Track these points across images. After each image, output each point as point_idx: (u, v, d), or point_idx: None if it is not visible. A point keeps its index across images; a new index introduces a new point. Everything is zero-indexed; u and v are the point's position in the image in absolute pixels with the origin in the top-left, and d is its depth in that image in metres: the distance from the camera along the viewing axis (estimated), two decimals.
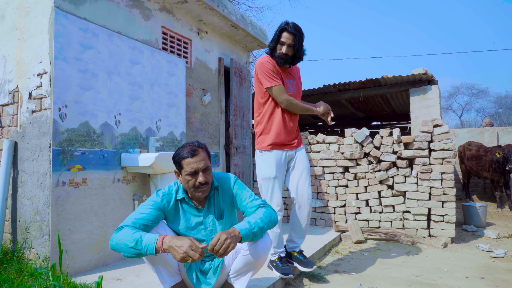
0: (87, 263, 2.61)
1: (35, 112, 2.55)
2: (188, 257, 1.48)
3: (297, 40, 2.39)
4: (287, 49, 2.40)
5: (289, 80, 2.55)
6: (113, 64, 2.88)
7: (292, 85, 2.56)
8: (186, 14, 3.79)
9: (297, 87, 2.61)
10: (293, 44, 2.39)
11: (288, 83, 2.54)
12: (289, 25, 2.39)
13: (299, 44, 2.41)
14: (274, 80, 2.43)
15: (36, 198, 2.51)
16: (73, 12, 2.61)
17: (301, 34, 2.40)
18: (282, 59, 2.43)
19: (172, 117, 3.48)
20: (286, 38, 2.39)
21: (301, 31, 2.42)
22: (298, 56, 2.47)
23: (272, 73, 2.43)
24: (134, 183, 3.04)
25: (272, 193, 2.50)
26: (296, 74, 2.65)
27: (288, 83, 2.54)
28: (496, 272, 2.93)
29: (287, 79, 2.54)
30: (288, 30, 2.38)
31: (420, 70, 4.78)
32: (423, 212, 3.93)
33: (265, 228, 1.71)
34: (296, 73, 2.66)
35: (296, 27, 2.40)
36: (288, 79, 2.55)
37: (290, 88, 2.54)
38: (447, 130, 3.92)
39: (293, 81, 2.58)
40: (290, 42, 2.39)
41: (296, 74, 2.65)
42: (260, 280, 2.42)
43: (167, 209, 1.82)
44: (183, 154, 1.74)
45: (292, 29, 2.37)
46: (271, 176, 2.49)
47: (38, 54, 2.54)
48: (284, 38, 2.40)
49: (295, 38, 2.38)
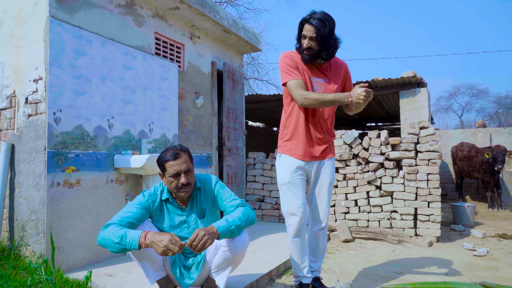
0: (80, 259, 2.74)
1: (31, 116, 2.67)
2: (169, 251, 1.61)
3: (319, 32, 2.06)
4: (308, 43, 2.10)
5: (315, 79, 2.23)
6: (106, 70, 3.00)
7: (319, 85, 2.23)
8: (179, 20, 3.92)
9: (327, 87, 2.25)
10: (315, 36, 2.07)
11: (313, 81, 2.22)
12: (312, 16, 2.10)
13: (323, 35, 2.06)
14: (290, 74, 2.18)
15: (32, 198, 2.63)
16: (68, 20, 2.74)
17: (325, 24, 2.06)
18: (305, 54, 2.14)
19: (165, 120, 3.61)
20: (307, 31, 2.11)
21: (326, 21, 2.07)
22: (324, 49, 2.12)
23: (289, 67, 2.19)
24: (127, 183, 3.16)
25: (286, 199, 2.27)
26: (333, 73, 2.29)
27: (314, 82, 2.23)
28: (475, 270, 3.04)
29: (313, 77, 2.23)
30: (308, 21, 2.10)
31: (409, 73, 4.89)
32: (410, 212, 4.04)
33: (242, 226, 1.83)
34: (335, 72, 2.30)
35: (321, 17, 2.07)
36: (315, 77, 2.23)
37: (316, 87, 2.23)
38: (433, 132, 4.03)
39: (322, 80, 2.25)
40: (311, 35, 2.08)
41: (334, 73, 2.30)
42: (245, 276, 2.54)
43: (152, 208, 1.94)
44: (166, 157, 1.87)
45: (313, 20, 2.07)
46: (284, 182, 2.28)
47: (34, 61, 2.67)
48: (305, 30, 2.12)
49: (317, 30, 2.06)
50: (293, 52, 2.26)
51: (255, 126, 10.08)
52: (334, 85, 2.28)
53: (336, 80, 2.29)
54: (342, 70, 2.34)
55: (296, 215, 2.22)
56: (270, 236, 3.91)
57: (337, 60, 2.35)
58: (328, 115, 2.34)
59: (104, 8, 3.05)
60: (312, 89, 2.21)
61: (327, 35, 2.08)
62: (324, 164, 2.34)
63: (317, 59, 2.18)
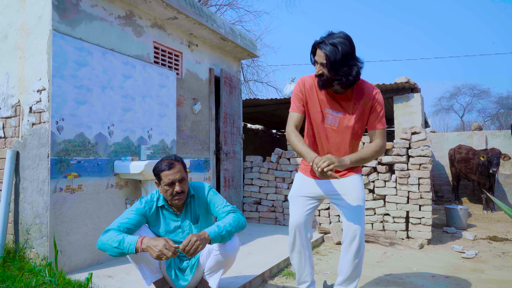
0: (82, 261, 2.87)
1: (35, 125, 2.81)
2: (163, 255, 1.73)
3: (329, 59, 1.83)
4: (319, 69, 1.91)
5: (330, 110, 2.03)
6: (106, 79, 3.13)
7: (333, 117, 2.03)
8: (177, 29, 4.04)
9: (342, 122, 2.02)
10: (325, 63, 1.86)
11: (327, 113, 2.03)
12: (324, 40, 1.87)
13: (333, 62, 1.83)
14: (293, 105, 2.09)
15: (36, 202, 2.77)
16: (69, 33, 2.87)
17: (337, 48, 1.82)
18: (320, 81, 1.95)
19: (163, 126, 3.74)
20: (317, 56, 1.91)
21: (340, 44, 1.83)
22: (336, 77, 1.88)
23: (294, 96, 2.09)
24: (126, 188, 3.29)
25: (290, 212, 2.17)
26: (355, 104, 2.01)
27: (328, 113, 2.03)
28: (461, 272, 3.15)
29: (328, 109, 2.03)
30: (319, 45, 1.89)
31: (402, 78, 5.00)
32: (402, 215, 4.16)
33: (232, 231, 1.96)
34: (358, 102, 2.01)
35: (334, 42, 1.84)
36: (331, 109, 2.03)
37: (330, 120, 2.04)
38: (424, 137, 4.14)
39: (337, 112, 2.03)
40: (321, 61, 1.88)
41: (355, 103, 2.01)
42: (238, 278, 2.67)
43: (149, 214, 2.07)
44: (161, 167, 2.00)
45: (324, 45, 1.86)
46: (292, 195, 2.19)
47: (37, 72, 2.80)
48: (316, 56, 1.93)
49: (326, 57, 1.84)
50: (309, 77, 2.09)
51: (254, 129, 10.20)
52: (351, 119, 2.01)
53: (355, 113, 2.01)
54: (367, 99, 2.00)
55: (290, 229, 2.15)
56: (265, 238, 4.03)
57: (365, 87, 2.02)
58: (340, 147, 2.08)
59: (105, 20, 3.18)
60: (325, 119, 2.04)
61: (338, 61, 1.83)
62: (345, 180, 2.10)
63: (332, 86, 1.95)
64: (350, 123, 2.02)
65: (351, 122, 2.02)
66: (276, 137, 11.41)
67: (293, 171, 4.84)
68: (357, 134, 2.10)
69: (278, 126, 10.46)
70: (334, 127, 2.05)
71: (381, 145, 2.00)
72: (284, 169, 4.90)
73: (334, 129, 2.05)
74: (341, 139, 2.07)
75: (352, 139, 2.08)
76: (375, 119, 2.03)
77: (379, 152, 2.00)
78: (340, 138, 2.07)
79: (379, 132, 2.03)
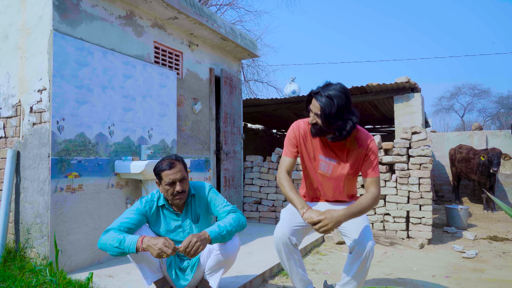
0: (82, 261, 2.88)
1: (36, 125, 2.81)
2: (163, 253, 1.74)
3: (324, 111, 1.81)
4: (313, 119, 1.89)
5: (324, 157, 2.01)
6: (107, 79, 3.13)
7: (327, 165, 2.00)
8: (177, 29, 4.05)
9: (336, 169, 2.00)
10: (319, 114, 1.84)
11: (321, 160, 2.01)
12: (320, 91, 1.85)
13: (327, 115, 1.80)
14: (286, 149, 2.07)
15: (37, 202, 2.77)
16: (70, 33, 2.87)
17: (332, 102, 1.79)
18: (313, 129, 1.93)
19: (164, 126, 3.74)
20: (313, 106, 1.89)
21: (335, 98, 1.80)
22: (329, 130, 1.86)
23: (288, 141, 2.06)
24: (127, 188, 3.30)
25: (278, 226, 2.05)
26: (349, 151, 1.98)
27: (322, 160, 2.01)
28: (462, 272, 3.15)
29: (321, 155, 2.01)
30: (315, 96, 1.87)
31: (403, 78, 5.00)
32: (402, 215, 4.16)
33: (233, 231, 1.96)
34: (352, 149, 1.97)
35: (330, 94, 1.81)
36: (324, 156, 2.00)
37: (323, 167, 2.01)
38: (425, 137, 4.14)
39: (331, 160, 2.00)
40: (316, 111, 1.86)
41: (349, 151, 1.98)
42: (238, 277, 2.67)
43: (149, 214, 2.07)
44: (162, 167, 2.00)
45: (320, 97, 1.83)
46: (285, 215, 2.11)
47: (38, 72, 2.81)
48: (311, 105, 1.90)
49: (321, 109, 1.82)
50: (303, 122, 2.06)
51: (255, 128, 10.20)
52: (345, 167, 1.98)
53: (349, 161, 1.97)
54: (361, 148, 1.96)
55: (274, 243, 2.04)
56: (266, 238, 4.03)
57: (359, 135, 1.97)
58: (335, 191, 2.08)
59: (105, 20, 3.19)
60: (319, 166, 2.02)
61: (334, 114, 1.80)
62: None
63: (319, 136, 1.95)
64: (344, 171, 2.00)
65: (345, 170, 2.00)
66: (277, 137, 11.42)
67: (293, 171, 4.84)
68: (352, 179, 2.08)
69: (278, 126, 10.46)
70: (327, 174, 2.02)
71: (377, 194, 1.92)
72: None
73: (327, 176, 2.02)
74: (335, 184, 2.06)
75: (347, 183, 2.07)
76: (369, 167, 1.97)
77: (375, 202, 1.92)
78: (335, 184, 2.05)
79: (374, 181, 1.96)
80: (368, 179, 1.97)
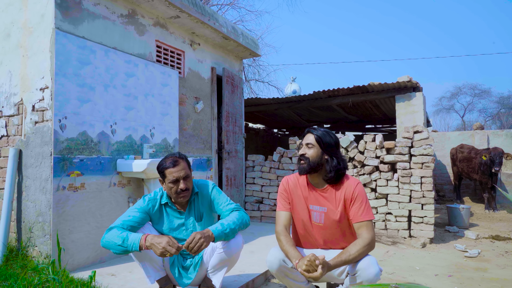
0: (85, 260, 2.87)
1: (38, 123, 2.81)
2: (166, 252, 1.73)
3: (321, 139, 1.90)
4: (303, 150, 1.92)
5: (315, 207, 1.97)
6: (109, 78, 3.13)
7: (318, 214, 1.95)
8: (179, 28, 4.04)
9: (328, 217, 1.94)
10: (312, 144, 1.91)
11: (312, 210, 1.97)
12: (316, 128, 1.97)
13: (326, 143, 1.90)
14: (280, 204, 2.04)
15: (39, 201, 2.77)
16: (72, 31, 2.87)
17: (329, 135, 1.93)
18: (301, 165, 1.93)
19: (166, 125, 3.73)
20: (305, 139, 1.96)
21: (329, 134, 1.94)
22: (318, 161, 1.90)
23: (280, 197, 2.05)
24: (129, 186, 3.29)
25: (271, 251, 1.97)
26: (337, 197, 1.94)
27: (313, 210, 1.97)
28: (464, 271, 3.14)
29: (312, 205, 1.97)
30: (309, 131, 1.96)
31: (404, 77, 4.99)
32: (404, 214, 4.15)
33: (236, 229, 1.96)
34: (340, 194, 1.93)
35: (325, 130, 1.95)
36: (315, 205, 1.97)
37: (315, 216, 1.96)
38: (427, 136, 4.13)
39: (321, 208, 1.96)
40: (308, 142, 1.92)
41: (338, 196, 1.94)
42: (241, 276, 2.66)
43: (152, 212, 2.07)
44: (165, 165, 1.99)
45: (315, 130, 1.93)
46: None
47: (40, 70, 2.80)
48: (303, 140, 1.97)
49: (317, 137, 1.91)
50: (293, 176, 2.07)
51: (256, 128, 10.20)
52: (336, 213, 1.92)
53: (339, 205, 1.93)
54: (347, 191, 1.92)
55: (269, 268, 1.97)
56: (267, 237, 4.02)
57: (346, 181, 1.96)
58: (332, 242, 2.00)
59: (107, 18, 3.18)
60: (311, 217, 1.98)
61: (328, 144, 1.90)
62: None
63: (313, 172, 1.93)
64: (336, 218, 1.92)
65: (337, 217, 1.92)
66: (277, 136, 11.41)
67: (295, 170, 4.83)
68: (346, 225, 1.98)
69: (279, 126, 10.46)
70: (320, 224, 1.96)
71: (370, 239, 1.80)
72: (286, 168, 4.89)
73: (320, 225, 1.96)
74: (330, 234, 1.97)
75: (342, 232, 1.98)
76: (358, 210, 1.88)
77: (370, 247, 1.81)
78: (329, 233, 1.97)
79: (364, 225, 1.85)
80: (357, 224, 1.86)
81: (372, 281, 1.76)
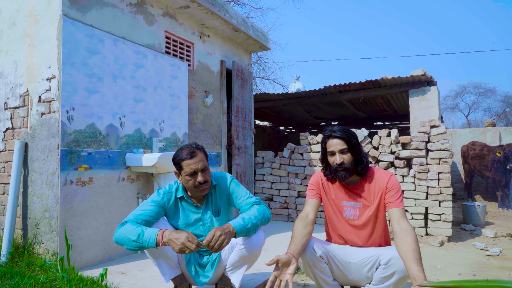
0: (93, 257, 2.75)
1: (44, 115, 2.69)
2: (186, 248, 1.60)
3: (350, 142, 1.85)
4: (340, 158, 1.85)
5: (348, 203, 1.92)
6: (118, 68, 3.01)
7: (352, 210, 1.91)
8: (189, 19, 3.91)
9: (363, 213, 1.88)
10: (346, 148, 1.84)
11: (345, 206, 1.92)
12: (332, 131, 1.90)
13: (355, 144, 1.86)
14: (309, 193, 2.01)
15: (46, 196, 2.65)
16: (80, 19, 2.75)
17: (352, 134, 1.89)
18: (340, 172, 1.85)
19: (175, 119, 3.61)
20: (333, 146, 1.87)
21: (350, 132, 1.89)
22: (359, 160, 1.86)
23: (309, 187, 2.02)
24: (138, 182, 3.17)
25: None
26: (370, 192, 1.89)
27: (346, 206, 1.92)
28: (488, 270, 3.00)
29: (345, 201, 1.93)
30: (331, 136, 1.89)
31: (419, 71, 4.84)
32: (421, 211, 4.01)
33: (258, 224, 1.83)
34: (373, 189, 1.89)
35: (344, 129, 1.90)
36: (348, 201, 1.93)
37: (348, 213, 1.92)
38: (444, 131, 3.99)
39: (355, 204, 1.91)
40: (340, 148, 1.85)
41: (370, 191, 1.89)
42: (257, 275, 2.54)
43: (167, 206, 1.94)
44: (182, 156, 1.86)
45: (338, 133, 1.87)
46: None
47: (47, 60, 2.68)
48: (331, 147, 1.88)
49: (346, 141, 1.85)
50: (320, 173, 2.02)
51: (262, 125, 10.07)
52: (370, 208, 1.87)
53: (375, 200, 1.88)
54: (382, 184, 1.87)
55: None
56: (279, 235, 3.90)
57: (379, 173, 1.93)
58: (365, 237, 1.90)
59: (116, 7, 3.06)
60: (343, 213, 1.93)
61: (357, 144, 1.88)
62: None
63: (353, 175, 1.89)
64: (369, 214, 1.87)
65: (371, 212, 1.87)
66: (284, 134, 11.27)
67: (306, 167, 4.70)
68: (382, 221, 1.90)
69: (286, 123, 10.32)
70: (354, 220, 1.91)
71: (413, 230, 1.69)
72: (297, 164, 4.76)
73: (353, 223, 1.90)
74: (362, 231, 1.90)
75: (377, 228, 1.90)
76: (394, 196, 1.81)
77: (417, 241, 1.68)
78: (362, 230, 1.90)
79: (403, 213, 1.76)
80: (393, 210, 1.77)
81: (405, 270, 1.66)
